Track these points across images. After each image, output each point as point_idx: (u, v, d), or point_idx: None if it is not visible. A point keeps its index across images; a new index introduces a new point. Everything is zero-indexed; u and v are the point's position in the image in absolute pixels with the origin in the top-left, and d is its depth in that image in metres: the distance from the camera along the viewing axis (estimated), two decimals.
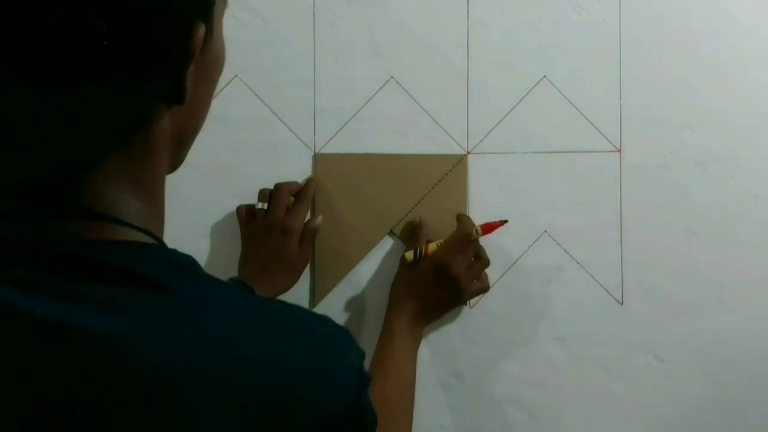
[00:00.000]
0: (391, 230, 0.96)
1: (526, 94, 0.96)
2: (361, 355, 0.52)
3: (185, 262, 0.50)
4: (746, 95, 0.96)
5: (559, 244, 0.96)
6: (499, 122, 0.96)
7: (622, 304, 0.96)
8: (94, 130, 0.45)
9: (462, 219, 0.92)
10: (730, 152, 0.96)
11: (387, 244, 0.96)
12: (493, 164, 0.96)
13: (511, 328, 0.95)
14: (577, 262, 0.96)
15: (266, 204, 0.92)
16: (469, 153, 0.96)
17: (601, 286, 0.96)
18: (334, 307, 0.96)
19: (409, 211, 0.95)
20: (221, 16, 0.52)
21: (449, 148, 0.96)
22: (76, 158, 0.46)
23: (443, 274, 0.88)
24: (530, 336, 0.96)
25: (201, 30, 0.48)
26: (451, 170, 0.95)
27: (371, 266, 0.96)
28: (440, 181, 0.95)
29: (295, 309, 0.52)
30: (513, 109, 0.96)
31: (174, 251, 0.50)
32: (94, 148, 0.46)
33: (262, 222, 0.91)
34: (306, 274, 0.94)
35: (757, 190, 0.97)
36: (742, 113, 0.97)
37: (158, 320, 0.45)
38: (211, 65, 0.52)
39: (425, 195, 0.95)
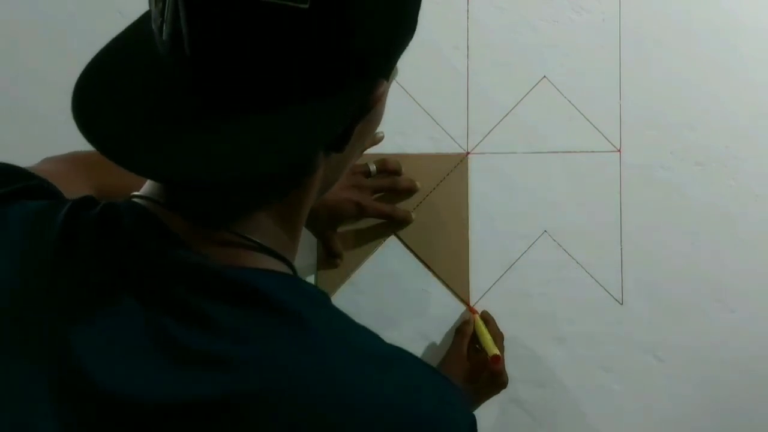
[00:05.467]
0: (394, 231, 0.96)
1: (526, 94, 0.96)
2: (472, 421, 0.51)
3: (323, 299, 0.50)
4: (746, 95, 0.97)
5: (559, 244, 0.96)
6: (499, 122, 0.96)
7: (622, 304, 0.96)
8: (265, 163, 0.43)
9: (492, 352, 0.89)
10: (730, 152, 0.97)
11: (389, 244, 0.96)
12: (493, 164, 0.96)
13: (511, 328, 0.95)
14: (577, 262, 0.96)
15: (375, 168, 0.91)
16: (469, 153, 0.96)
17: (601, 286, 0.96)
18: None
19: (410, 211, 0.95)
20: (389, 86, 0.52)
21: (449, 148, 0.96)
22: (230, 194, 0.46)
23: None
24: (530, 336, 0.96)
25: (383, 87, 0.48)
26: (451, 170, 0.95)
27: (373, 267, 0.95)
28: (441, 181, 0.95)
29: (421, 365, 0.51)
30: (513, 109, 0.96)
31: (313, 286, 0.50)
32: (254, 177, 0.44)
33: (369, 181, 0.90)
34: (307, 275, 0.94)
35: (757, 190, 0.97)
36: (742, 113, 0.97)
37: (293, 357, 0.44)
38: (372, 125, 0.53)
39: (426, 195, 0.95)
